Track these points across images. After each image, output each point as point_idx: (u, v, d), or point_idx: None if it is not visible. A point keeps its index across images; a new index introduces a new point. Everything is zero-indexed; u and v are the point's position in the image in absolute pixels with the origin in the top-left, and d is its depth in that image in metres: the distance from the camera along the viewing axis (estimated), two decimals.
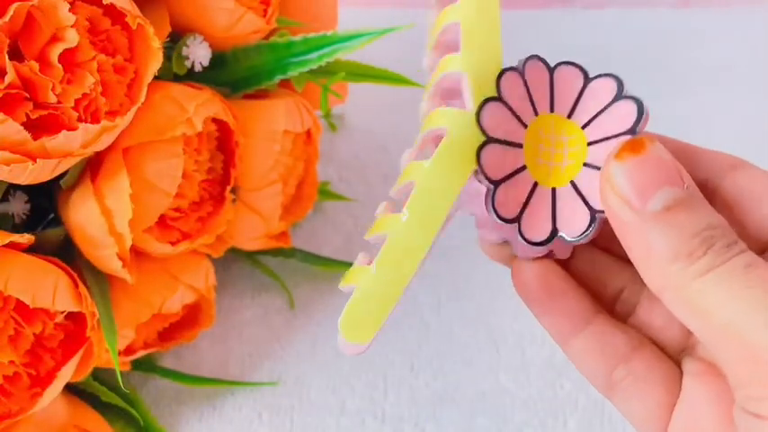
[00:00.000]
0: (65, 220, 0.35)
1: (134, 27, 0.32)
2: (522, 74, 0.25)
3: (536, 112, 0.25)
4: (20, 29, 0.31)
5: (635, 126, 0.24)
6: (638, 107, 0.24)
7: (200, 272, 0.39)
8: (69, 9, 0.30)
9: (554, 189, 0.25)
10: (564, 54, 0.53)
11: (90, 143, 0.32)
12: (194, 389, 0.42)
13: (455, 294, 0.44)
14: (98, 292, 0.35)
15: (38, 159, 0.30)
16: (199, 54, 0.37)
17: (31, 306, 0.32)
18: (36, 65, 0.30)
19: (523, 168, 0.25)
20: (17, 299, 0.32)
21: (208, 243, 0.39)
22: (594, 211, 0.24)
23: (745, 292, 0.20)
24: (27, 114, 0.30)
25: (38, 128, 0.30)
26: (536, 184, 0.25)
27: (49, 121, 0.31)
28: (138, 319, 0.37)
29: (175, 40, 0.37)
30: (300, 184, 0.44)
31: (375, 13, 0.55)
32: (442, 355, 0.42)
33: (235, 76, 0.39)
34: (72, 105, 0.31)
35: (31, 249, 0.34)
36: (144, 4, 0.35)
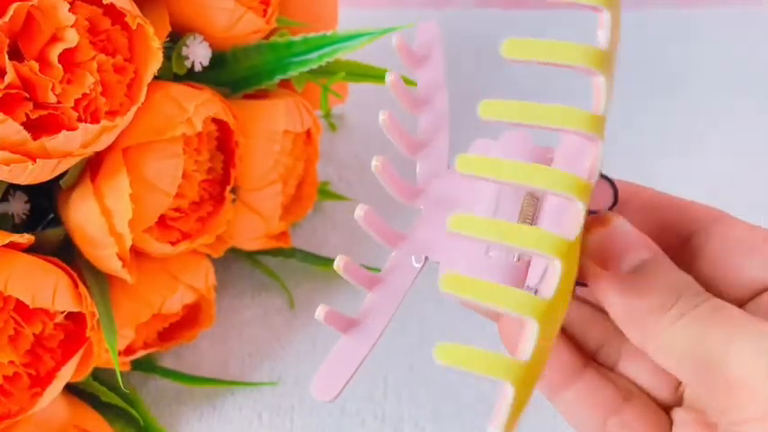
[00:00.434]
0: (65, 220, 0.35)
1: (134, 27, 0.32)
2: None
3: None
4: (20, 29, 0.31)
5: (611, 208, 0.25)
6: (613, 192, 0.26)
7: (200, 272, 0.39)
8: (69, 9, 0.30)
9: None
10: None
11: (90, 143, 0.32)
12: (194, 389, 0.42)
13: None
14: (98, 292, 0.35)
15: (38, 159, 0.30)
16: (199, 54, 0.37)
17: (30, 306, 0.32)
18: (36, 65, 0.30)
19: None
20: (17, 299, 0.32)
21: (208, 243, 0.39)
22: None
23: (715, 331, 0.22)
24: (27, 114, 0.30)
25: (38, 128, 0.30)
26: None
27: (48, 121, 0.31)
28: (138, 318, 0.37)
29: (175, 40, 0.37)
30: (300, 184, 0.44)
31: (375, 13, 0.55)
32: None
33: (235, 76, 0.39)
34: (72, 105, 0.31)
35: (30, 249, 0.34)
36: (144, 4, 0.35)
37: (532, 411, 0.27)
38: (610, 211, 0.25)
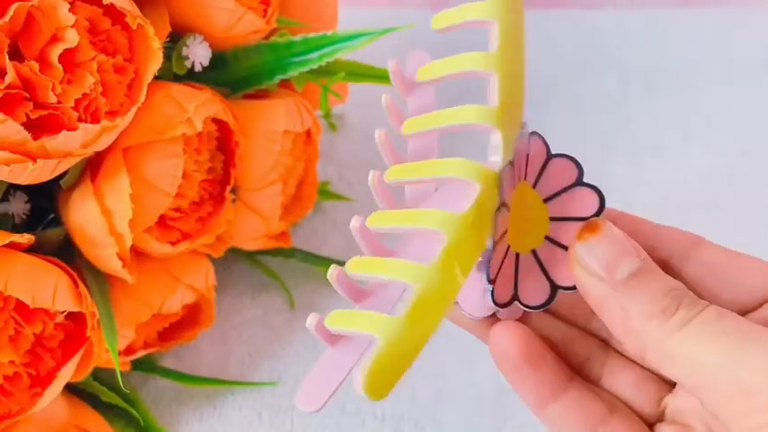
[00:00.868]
0: (65, 220, 0.35)
1: (134, 27, 0.32)
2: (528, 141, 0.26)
3: (518, 179, 0.26)
4: (20, 29, 0.31)
5: (597, 215, 0.26)
6: (599, 200, 0.26)
7: (200, 272, 0.39)
8: (69, 9, 0.30)
9: (518, 254, 0.26)
10: (564, 55, 0.53)
11: (90, 143, 0.32)
12: (194, 389, 0.42)
13: None
14: (98, 292, 0.35)
15: (38, 159, 0.30)
16: (199, 54, 0.37)
17: (31, 306, 0.32)
18: (36, 65, 0.30)
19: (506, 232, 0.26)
20: (17, 299, 0.32)
21: (208, 243, 0.39)
22: (555, 286, 0.26)
23: (724, 338, 0.23)
24: (27, 114, 0.30)
25: (38, 128, 0.30)
26: (509, 248, 0.26)
27: (49, 121, 0.31)
28: (138, 318, 0.37)
29: (175, 40, 0.37)
30: (300, 184, 0.44)
31: (375, 13, 0.55)
32: (442, 355, 0.42)
33: (235, 76, 0.39)
34: (72, 105, 0.31)
35: (31, 249, 0.34)
36: (144, 4, 0.35)
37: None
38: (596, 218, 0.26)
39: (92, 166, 0.35)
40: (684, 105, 0.51)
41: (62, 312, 0.34)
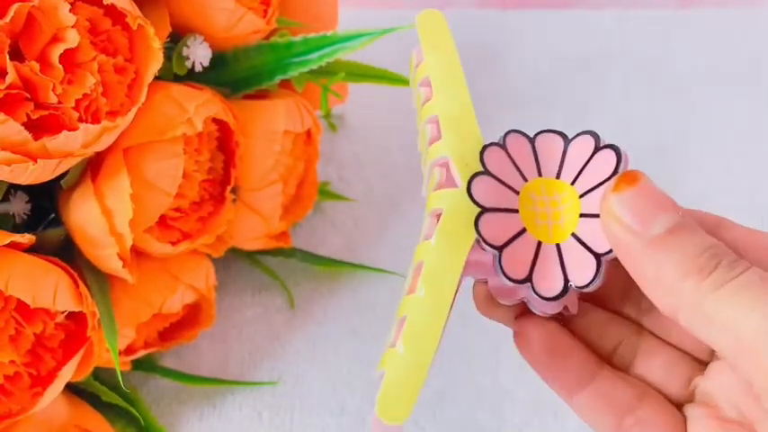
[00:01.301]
0: (65, 219, 0.35)
1: (134, 27, 0.32)
2: (504, 146, 0.27)
3: (525, 179, 0.27)
4: (21, 29, 0.31)
5: (616, 169, 0.25)
6: (615, 153, 0.25)
7: (200, 272, 0.39)
8: (70, 9, 0.31)
9: (558, 245, 0.26)
10: (565, 54, 0.53)
11: (90, 143, 0.32)
12: (194, 388, 0.42)
13: None
14: (98, 292, 0.35)
15: (39, 159, 0.30)
16: (199, 54, 0.37)
17: (31, 306, 0.32)
18: (37, 65, 0.30)
19: (523, 231, 0.26)
20: (18, 299, 0.32)
21: (208, 243, 0.39)
22: (599, 255, 0.25)
23: (766, 300, 0.21)
24: (28, 115, 0.30)
25: (38, 128, 0.31)
26: (540, 244, 0.26)
27: (49, 121, 0.31)
28: (139, 318, 0.37)
29: (176, 40, 0.37)
30: (300, 184, 0.44)
31: (375, 13, 0.55)
32: (442, 355, 0.42)
33: (235, 77, 0.39)
34: (73, 105, 0.31)
35: (31, 249, 0.34)
36: (144, 4, 0.35)
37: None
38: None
39: (92, 167, 0.35)
40: (684, 105, 0.51)
41: (63, 312, 0.34)
